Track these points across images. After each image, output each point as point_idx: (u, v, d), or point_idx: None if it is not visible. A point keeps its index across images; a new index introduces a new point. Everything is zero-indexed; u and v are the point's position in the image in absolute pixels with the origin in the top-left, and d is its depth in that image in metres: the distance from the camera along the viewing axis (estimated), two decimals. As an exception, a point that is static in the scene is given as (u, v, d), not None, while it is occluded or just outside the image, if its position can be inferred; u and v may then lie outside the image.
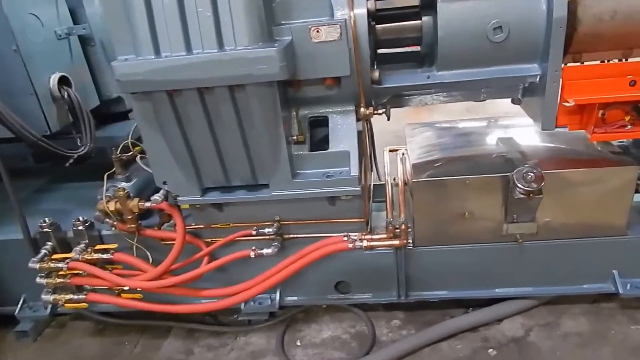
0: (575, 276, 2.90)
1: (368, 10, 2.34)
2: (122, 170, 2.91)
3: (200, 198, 2.65)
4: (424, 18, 2.52)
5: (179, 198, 2.67)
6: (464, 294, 2.96)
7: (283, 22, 2.30)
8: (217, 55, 2.15)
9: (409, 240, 2.81)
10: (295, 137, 2.55)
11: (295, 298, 3.06)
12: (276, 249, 2.73)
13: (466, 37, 2.37)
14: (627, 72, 2.37)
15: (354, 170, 2.53)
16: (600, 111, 2.43)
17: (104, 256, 2.81)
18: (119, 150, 2.89)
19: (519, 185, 2.52)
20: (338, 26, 2.25)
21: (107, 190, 2.78)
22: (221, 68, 2.16)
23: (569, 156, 2.81)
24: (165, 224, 2.92)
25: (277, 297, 3.00)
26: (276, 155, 2.48)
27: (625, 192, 2.67)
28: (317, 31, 2.25)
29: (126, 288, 2.78)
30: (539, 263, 2.87)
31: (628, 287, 2.84)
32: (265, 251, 2.71)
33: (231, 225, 2.80)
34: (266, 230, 2.74)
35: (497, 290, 2.96)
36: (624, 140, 3.18)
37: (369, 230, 2.78)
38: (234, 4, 2.09)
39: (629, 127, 2.41)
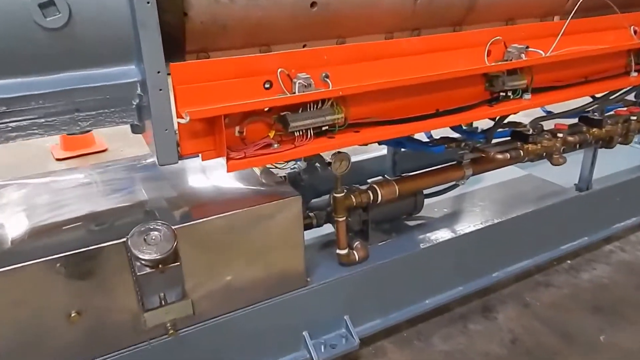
0: (258, 356, 2.14)
1: None
2: None
3: None
4: None
5: None
6: None
7: None
8: None
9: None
10: None
11: None
12: None
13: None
14: (259, 69, 1.70)
15: None
16: (237, 128, 1.71)
17: None
18: None
19: (139, 256, 1.59)
20: None
21: None
22: None
23: (226, 196, 2.05)
24: None
25: None
26: None
27: (293, 230, 2.04)
28: None
29: None
30: (207, 353, 1.99)
31: (322, 349, 2.22)
32: None
33: None
34: None
35: (156, 411, 1.95)
36: (296, 165, 2.66)
37: None
38: None
39: (276, 146, 1.74)
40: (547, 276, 2.94)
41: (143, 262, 1.61)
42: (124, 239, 1.63)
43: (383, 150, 3.12)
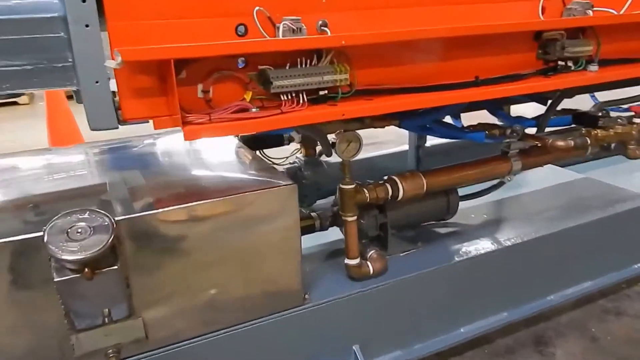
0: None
1: None
2: None
3: None
4: None
5: None
6: None
7: None
8: None
9: None
10: None
11: None
12: None
13: None
14: (231, 7, 1.26)
15: None
16: (200, 86, 1.27)
17: None
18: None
19: (56, 255, 1.16)
20: None
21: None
22: None
23: (198, 183, 1.61)
24: None
25: None
26: None
27: (286, 229, 1.56)
28: None
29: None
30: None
31: (323, 387, 1.73)
32: None
33: None
34: None
35: None
36: (296, 159, 2.26)
37: None
38: None
39: (255, 110, 1.29)
40: (617, 302, 2.36)
41: (63, 263, 1.18)
42: (41, 232, 1.20)
43: (404, 145, 2.63)
